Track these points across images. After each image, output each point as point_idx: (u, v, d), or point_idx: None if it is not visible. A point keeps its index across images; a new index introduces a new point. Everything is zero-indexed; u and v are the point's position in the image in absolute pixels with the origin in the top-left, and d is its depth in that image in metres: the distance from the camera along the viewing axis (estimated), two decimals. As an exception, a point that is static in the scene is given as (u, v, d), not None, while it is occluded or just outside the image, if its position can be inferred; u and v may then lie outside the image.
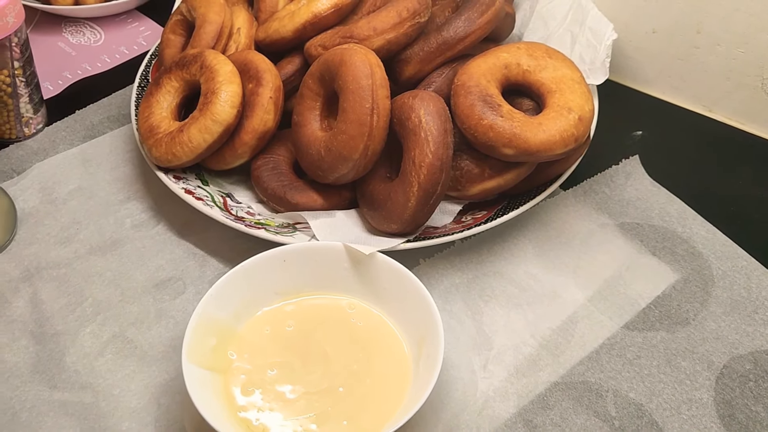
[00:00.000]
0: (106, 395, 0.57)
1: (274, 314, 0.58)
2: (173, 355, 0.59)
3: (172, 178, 0.66)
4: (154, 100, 0.68)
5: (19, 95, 0.72)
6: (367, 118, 0.60)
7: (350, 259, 0.59)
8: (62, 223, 0.68)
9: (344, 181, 0.63)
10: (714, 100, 0.78)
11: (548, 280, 0.64)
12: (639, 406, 0.56)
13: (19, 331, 0.60)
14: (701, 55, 0.76)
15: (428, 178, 0.59)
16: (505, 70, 0.64)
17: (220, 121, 0.64)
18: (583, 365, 0.58)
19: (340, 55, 0.61)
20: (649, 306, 0.62)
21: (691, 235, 0.67)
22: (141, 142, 0.68)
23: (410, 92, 0.61)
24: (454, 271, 0.64)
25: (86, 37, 0.86)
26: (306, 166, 0.65)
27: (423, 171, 0.58)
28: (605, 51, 0.70)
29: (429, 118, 0.59)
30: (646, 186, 0.71)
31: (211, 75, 0.65)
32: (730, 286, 0.63)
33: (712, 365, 0.58)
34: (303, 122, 0.64)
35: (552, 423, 0.55)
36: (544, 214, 0.68)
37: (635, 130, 0.77)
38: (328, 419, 0.53)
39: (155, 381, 0.57)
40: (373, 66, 0.60)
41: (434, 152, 0.58)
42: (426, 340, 0.55)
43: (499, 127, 0.60)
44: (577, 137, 0.61)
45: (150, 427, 0.55)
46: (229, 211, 0.65)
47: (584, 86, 0.63)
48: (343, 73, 0.61)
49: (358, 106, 0.60)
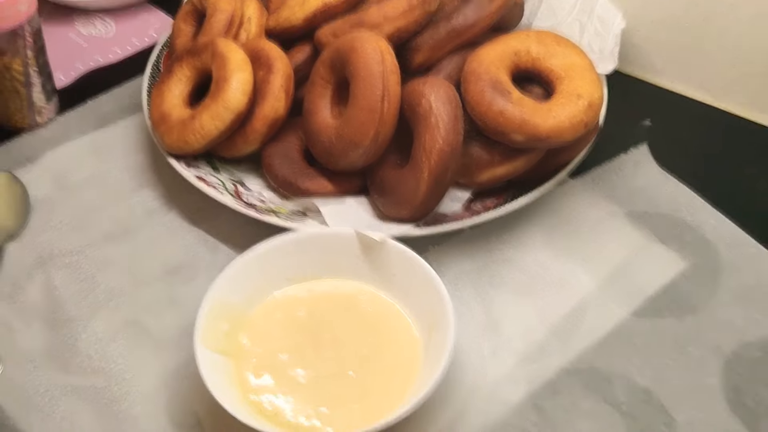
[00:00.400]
0: (118, 380, 0.57)
1: (286, 300, 0.59)
2: (186, 341, 0.59)
3: (184, 165, 0.67)
4: (166, 87, 0.68)
5: (32, 84, 0.73)
6: (377, 104, 0.60)
7: (361, 246, 0.59)
8: (75, 210, 0.68)
9: (355, 167, 0.64)
10: (722, 89, 0.78)
11: (557, 267, 0.64)
12: (648, 392, 0.56)
13: (33, 317, 0.61)
14: (709, 44, 0.76)
15: (438, 164, 0.59)
16: (514, 57, 0.64)
17: (232, 108, 0.64)
18: (592, 351, 0.58)
19: (351, 42, 0.62)
20: (657, 293, 0.62)
21: (700, 223, 0.67)
22: (153, 130, 0.69)
23: (420, 78, 0.62)
24: (463, 258, 0.64)
25: (98, 29, 0.87)
26: (317, 153, 0.65)
27: (433, 157, 0.59)
28: (614, 39, 0.70)
29: (439, 103, 0.59)
30: (654, 175, 0.71)
31: (223, 63, 0.66)
32: (739, 274, 0.63)
33: (721, 352, 0.58)
34: (314, 109, 0.65)
35: (561, 408, 0.55)
36: (553, 202, 0.68)
37: (643, 121, 0.77)
38: (339, 403, 0.53)
39: (168, 366, 0.58)
40: (384, 53, 0.61)
41: (444, 138, 0.59)
42: (436, 326, 0.55)
43: (509, 113, 0.61)
44: (586, 123, 0.61)
45: (162, 412, 0.55)
46: (241, 198, 0.65)
47: (593, 73, 0.63)
48: (354, 60, 0.61)
49: (369, 93, 0.60)
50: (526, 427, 0.54)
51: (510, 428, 0.54)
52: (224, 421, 0.53)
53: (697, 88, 0.79)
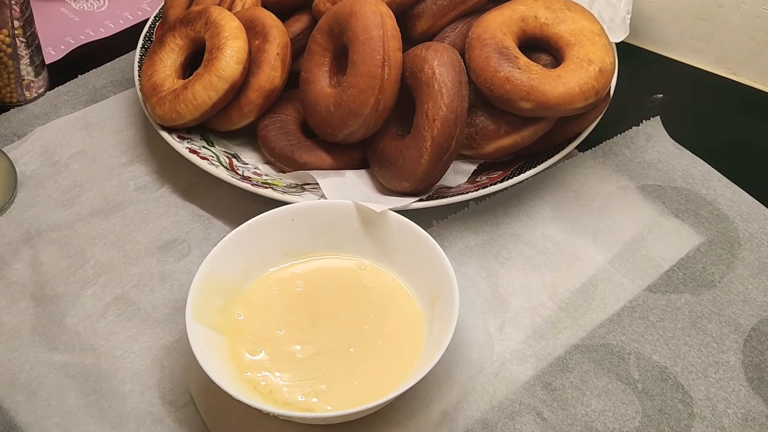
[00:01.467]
0: (107, 357, 0.55)
1: (283, 274, 0.56)
2: (177, 318, 0.57)
3: (177, 138, 0.64)
4: (158, 58, 0.66)
5: (20, 56, 0.70)
6: (378, 70, 0.57)
7: (361, 218, 0.57)
8: (63, 185, 0.66)
9: (354, 138, 0.61)
10: (738, 61, 0.75)
11: (567, 242, 0.61)
12: (663, 369, 0.54)
13: (19, 293, 0.58)
14: (725, 14, 0.73)
15: (442, 132, 0.56)
16: (521, 23, 0.61)
17: (226, 78, 0.62)
18: (604, 328, 0.56)
19: (350, 6, 0.59)
20: (672, 268, 0.59)
21: (716, 197, 0.64)
22: (144, 102, 0.66)
23: (423, 44, 0.59)
24: (468, 233, 0.62)
25: (89, 3, 0.84)
26: (315, 124, 0.62)
27: (436, 124, 0.56)
28: (626, 7, 0.67)
29: (443, 69, 0.57)
30: (667, 148, 0.68)
31: (216, 31, 0.63)
32: (757, 247, 0.61)
33: (740, 328, 0.56)
34: (311, 78, 0.62)
35: (572, 386, 0.53)
36: (562, 176, 0.66)
37: (655, 94, 0.74)
38: (338, 379, 0.50)
39: (159, 343, 0.55)
40: (384, 16, 0.58)
41: (448, 105, 0.56)
42: (440, 299, 0.52)
43: (516, 80, 0.58)
44: (597, 90, 0.59)
45: (153, 389, 0.53)
46: (236, 171, 0.63)
47: (605, 38, 0.61)
48: (353, 25, 0.58)
49: (369, 58, 0.57)
50: (535, 405, 0.52)
51: (518, 406, 0.52)
52: (218, 399, 0.51)
53: (712, 60, 0.76)
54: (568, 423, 0.51)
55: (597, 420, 0.51)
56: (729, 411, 0.52)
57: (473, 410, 0.52)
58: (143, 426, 0.51)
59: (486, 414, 0.51)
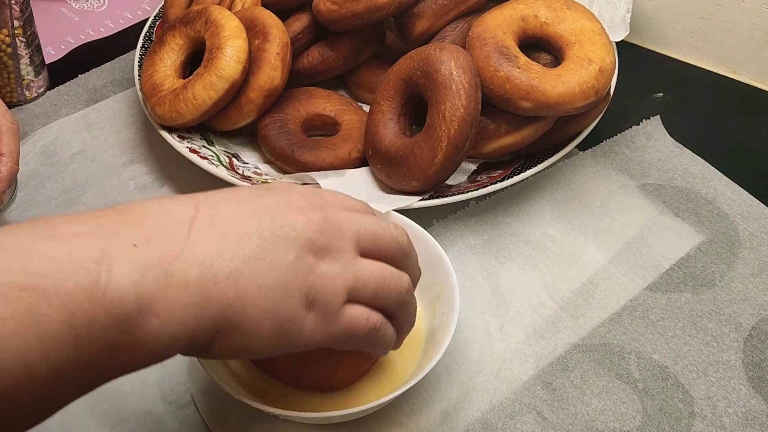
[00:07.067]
0: (107, 357, 0.54)
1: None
2: (177, 317, 0.57)
3: (177, 138, 0.64)
4: (158, 57, 0.66)
5: (20, 56, 0.70)
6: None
7: (361, 218, 0.57)
8: (64, 185, 0.66)
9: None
10: (739, 60, 0.75)
11: (567, 241, 0.61)
12: (663, 369, 0.53)
13: (19, 294, 0.58)
14: (725, 13, 0.73)
15: (458, 133, 0.56)
16: (522, 22, 0.61)
17: (226, 77, 0.62)
18: (604, 327, 0.56)
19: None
20: (672, 267, 0.59)
21: (716, 196, 0.64)
22: (144, 101, 0.66)
23: (435, 44, 0.59)
24: (468, 233, 0.62)
25: (89, 3, 0.84)
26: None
27: (454, 125, 0.56)
28: (626, 6, 0.67)
29: (460, 71, 0.56)
30: (668, 147, 0.68)
31: (216, 30, 0.63)
32: (757, 246, 0.60)
33: (740, 327, 0.56)
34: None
35: (572, 385, 0.53)
36: (562, 175, 0.66)
37: (656, 93, 0.74)
38: (339, 379, 0.50)
39: (159, 343, 0.55)
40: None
41: (466, 106, 0.56)
42: (440, 298, 0.52)
43: (516, 79, 0.58)
44: (597, 89, 0.59)
45: (154, 389, 0.53)
46: (236, 170, 0.63)
47: (605, 37, 0.61)
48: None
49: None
50: (535, 405, 0.52)
51: (518, 406, 0.52)
52: (219, 398, 0.51)
53: (712, 59, 0.76)
54: (569, 422, 0.51)
55: (597, 419, 0.51)
56: (729, 410, 0.52)
57: (473, 409, 0.52)
58: (143, 426, 0.51)
59: (486, 413, 0.51)
